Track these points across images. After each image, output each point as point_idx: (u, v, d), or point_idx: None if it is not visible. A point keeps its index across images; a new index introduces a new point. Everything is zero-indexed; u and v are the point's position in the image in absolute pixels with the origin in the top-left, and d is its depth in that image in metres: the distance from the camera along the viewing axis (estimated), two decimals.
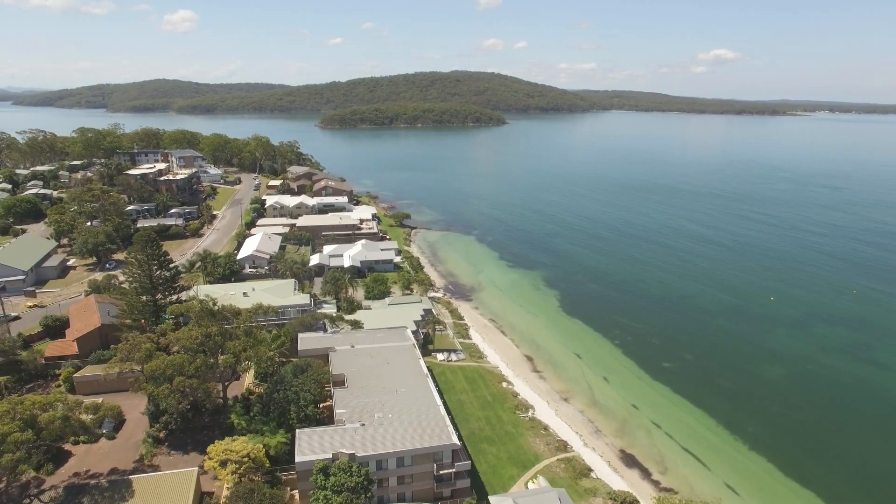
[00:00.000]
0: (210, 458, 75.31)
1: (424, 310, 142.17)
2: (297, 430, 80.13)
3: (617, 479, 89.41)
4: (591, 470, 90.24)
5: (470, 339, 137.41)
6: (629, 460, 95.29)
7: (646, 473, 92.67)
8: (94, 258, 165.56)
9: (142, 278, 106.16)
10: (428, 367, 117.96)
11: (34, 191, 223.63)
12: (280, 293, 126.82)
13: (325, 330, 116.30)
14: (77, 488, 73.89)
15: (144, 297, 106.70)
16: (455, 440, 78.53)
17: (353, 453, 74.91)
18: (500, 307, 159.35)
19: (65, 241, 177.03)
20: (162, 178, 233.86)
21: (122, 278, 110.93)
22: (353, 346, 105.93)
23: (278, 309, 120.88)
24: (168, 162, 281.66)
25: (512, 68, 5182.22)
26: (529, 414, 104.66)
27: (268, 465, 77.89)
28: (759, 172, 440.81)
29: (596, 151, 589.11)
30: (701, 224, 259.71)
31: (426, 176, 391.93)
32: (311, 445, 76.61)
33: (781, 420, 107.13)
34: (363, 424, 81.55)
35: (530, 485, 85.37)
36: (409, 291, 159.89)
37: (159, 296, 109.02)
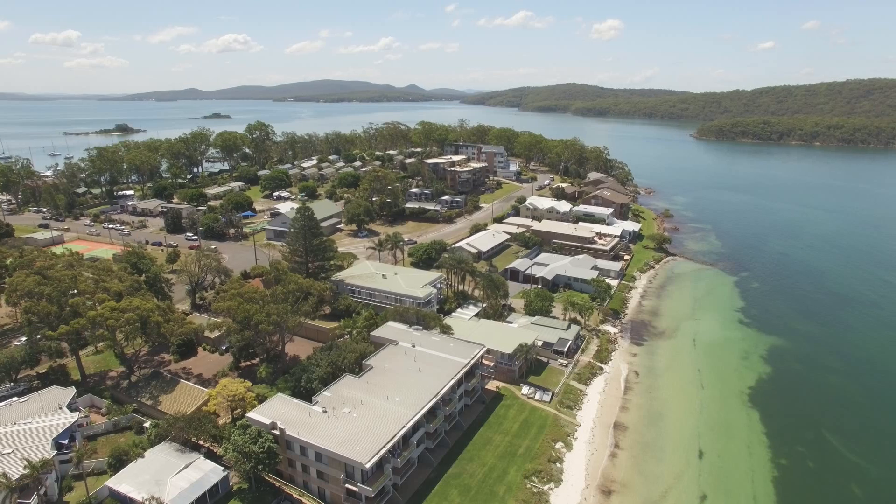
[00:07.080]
0: (213, 388, 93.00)
1: (560, 338, 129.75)
2: (278, 393, 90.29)
3: None
4: None
5: (587, 384, 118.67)
6: None
7: None
8: (355, 225, 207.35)
9: (297, 243, 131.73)
10: (497, 394, 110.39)
11: (365, 168, 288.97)
12: (411, 283, 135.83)
13: (418, 325, 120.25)
14: (155, 374, 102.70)
15: (297, 258, 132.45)
16: (366, 463, 74.64)
17: (284, 429, 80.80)
18: (667, 364, 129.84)
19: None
20: (450, 169, 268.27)
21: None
22: (413, 346, 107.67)
23: (397, 295, 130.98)
24: (476, 156, 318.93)
25: None
26: (545, 488, 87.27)
27: (251, 408, 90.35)
28: None
29: None
30: None
31: (759, 203, 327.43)
32: (271, 409, 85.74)
33: None
34: (325, 412, 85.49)
35: None
36: (575, 315, 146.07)
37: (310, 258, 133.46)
